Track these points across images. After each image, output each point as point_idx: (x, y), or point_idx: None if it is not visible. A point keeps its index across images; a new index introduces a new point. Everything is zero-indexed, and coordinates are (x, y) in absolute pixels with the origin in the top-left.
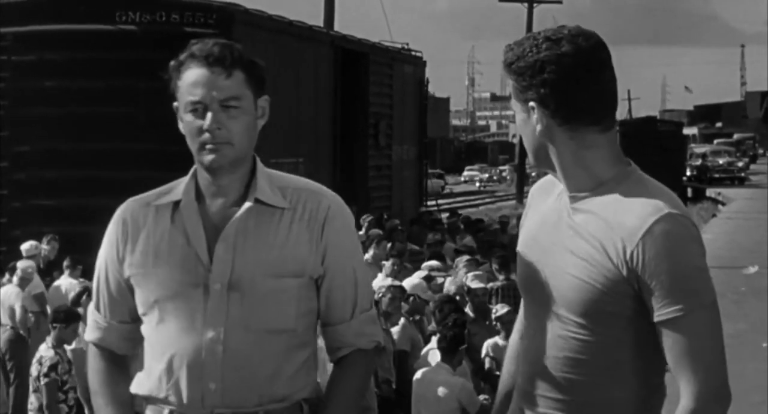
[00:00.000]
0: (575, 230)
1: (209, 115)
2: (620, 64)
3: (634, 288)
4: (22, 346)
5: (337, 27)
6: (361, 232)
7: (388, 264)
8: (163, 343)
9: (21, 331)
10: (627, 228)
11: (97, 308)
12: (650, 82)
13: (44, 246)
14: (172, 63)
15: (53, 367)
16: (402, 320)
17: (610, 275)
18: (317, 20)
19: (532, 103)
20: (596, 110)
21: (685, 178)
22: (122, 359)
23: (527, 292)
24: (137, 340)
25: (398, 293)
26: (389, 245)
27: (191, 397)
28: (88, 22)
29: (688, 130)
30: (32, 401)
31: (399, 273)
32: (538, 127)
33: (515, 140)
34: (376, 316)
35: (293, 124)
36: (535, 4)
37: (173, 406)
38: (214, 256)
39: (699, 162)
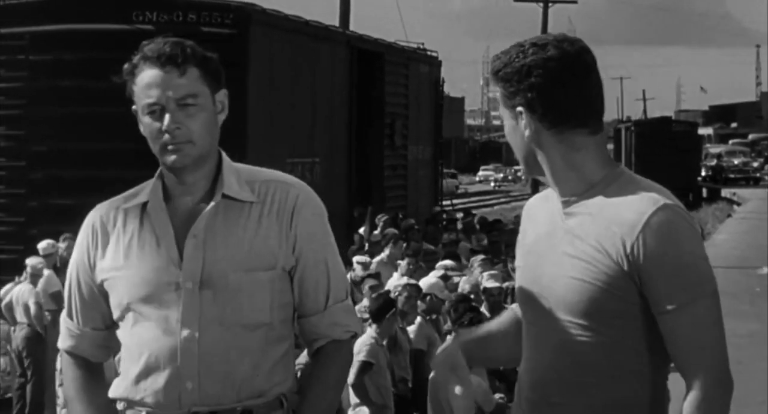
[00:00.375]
0: (572, 233)
1: (167, 115)
2: (635, 65)
3: (636, 283)
4: (38, 343)
5: (352, 27)
6: (376, 232)
7: (403, 263)
8: (139, 346)
9: (38, 328)
10: (625, 223)
11: (70, 316)
12: (665, 82)
13: (61, 245)
14: (125, 66)
15: None
16: (418, 319)
17: (612, 272)
18: (333, 20)
19: (519, 108)
20: (583, 113)
21: (700, 179)
22: (97, 367)
23: (526, 304)
24: (111, 348)
25: (414, 292)
26: (404, 245)
27: (168, 398)
28: (106, 21)
29: (703, 131)
30: (59, 395)
31: (414, 272)
32: (527, 133)
33: None
34: (352, 306)
35: (309, 123)
36: (550, 4)
37: (150, 408)
38: (184, 254)
39: (714, 162)
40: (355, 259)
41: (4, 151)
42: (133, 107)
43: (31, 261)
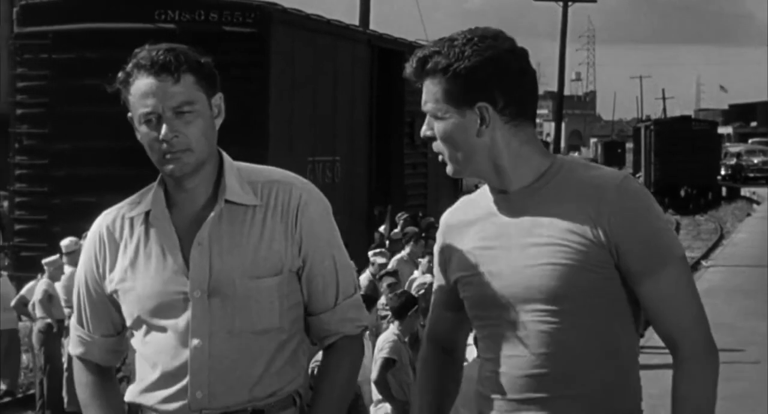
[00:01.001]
0: (530, 222)
1: (164, 125)
2: (655, 63)
3: (613, 255)
4: (52, 336)
5: (372, 26)
6: (396, 230)
7: (424, 261)
8: (151, 355)
9: (49, 320)
10: (595, 195)
11: (80, 323)
12: (685, 81)
13: (83, 242)
14: (119, 75)
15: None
16: None
17: (587, 248)
18: (352, 19)
19: (480, 103)
20: (534, 105)
21: (719, 178)
22: (109, 370)
23: (487, 307)
24: (122, 352)
25: None
26: (425, 243)
27: (178, 405)
28: (128, 20)
29: (722, 129)
30: None
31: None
32: (484, 128)
33: (549, 138)
34: (361, 301)
35: (330, 122)
36: (569, 3)
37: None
38: (191, 263)
39: (734, 161)
40: (373, 255)
41: (27, 150)
42: (129, 115)
43: (46, 260)
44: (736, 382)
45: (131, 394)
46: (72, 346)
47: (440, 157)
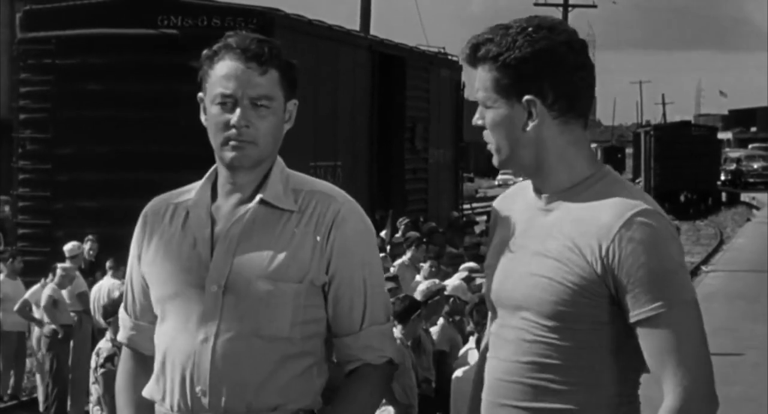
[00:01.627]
0: (547, 231)
1: (238, 110)
2: (655, 69)
3: (609, 288)
4: (58, 341)
5: (372, 31)
6: (398, 235)
7: (425, 266)
8: (161, 344)
9: (54, 326)
10: (602, 224)
11: (125, 308)
12: (684, 86)
13: (85, 246)
14: (205, 52)
15: (109, 359)
16: (441, 321)
17: (585, 274)
18: (353, 25)
19: (528, 97)
20: (586, 101)
21: (719, 183)
22: (151, 361)
23: (495, 303)
24: None
25: (443, 295)
26: (426, 248)
27: (179, 401)
28: (131, 26)
29: (722, 135)
30: (92, 392)
31: (437, 275)
32: (530, 123)
33: None
34: (391, 331)
35: (331, 127)
36: (570, 8)
37: (166, 410)
38: (214, 256)
39: (733, 166)
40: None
41: (30, 154)
42: (200, 95)
43: (61, 265)
44: (736, 386)
45: (146, 387)
46: (120, 333)
47: (488, 146)
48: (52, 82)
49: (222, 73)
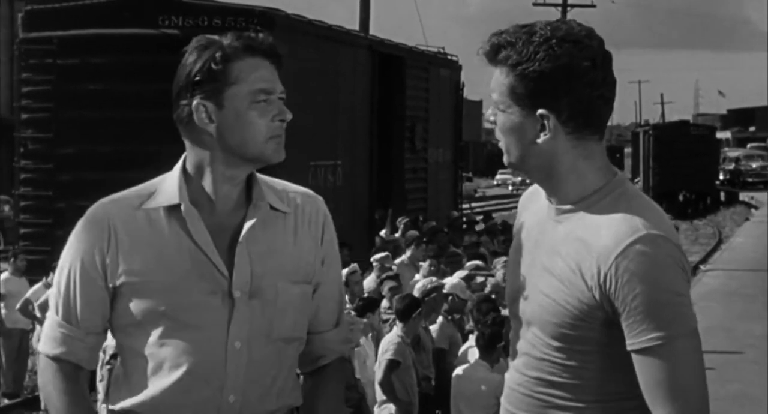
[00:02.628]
0: (554, 248)
1: (281, 105)
2: (653, 69)
3: (608, 313)
4: None
5: (372, 32)
6: (397, 234)
7: (425, 265)
8: (175, 356)
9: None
10: (602, 248)
11: (67, 319)
12: (683, 86)
13: None
14: (226, 47)
15: (115, 356)
16: (440, 319)
17: (584, 298)
18: (353, 25)
19: (542, 111)
20: (604, 117)
21: (718, 183)
22: (85, 374)
23: (511, 312)
24: (98, 353)
25: (441, 293)
26: (426, 247)
27: (208, 412)
28: (132, 26)
29: (721, 134)
30: (98, 390)
31: (436, 274)
32: (543, 136)
33: None
34: (351, 318)
35: (331, 126)
36: (568, 8)
37: None
38: (236, 262)
39: (732, 166)
40: (375, 259)
41: (32, 154)
42: (230, 91)
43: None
44: (735, 384)
45: (132, 401)
46: (50, 346)
47: (499, 144)
48: (53, 82)
49: (253, 69)
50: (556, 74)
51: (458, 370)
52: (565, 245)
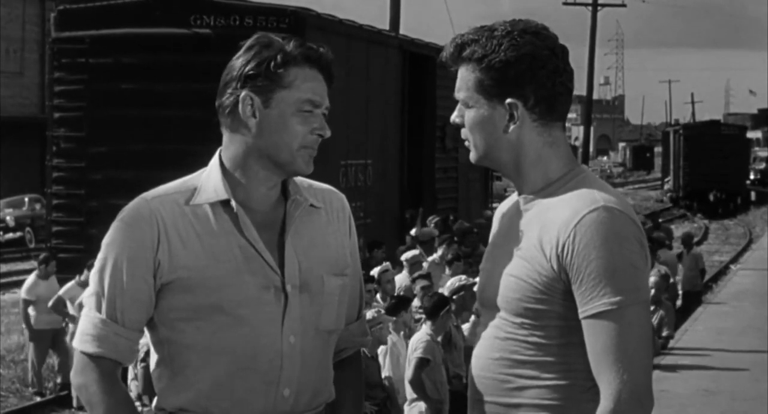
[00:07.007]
0: (521, 230)
1: (322, 120)
2: (683, 68)
3: (565, 284)
4: None
5: (402, 31)
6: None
7: (455, 264)
8: (230, 351)
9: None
10: (561, 220)
11: (112, 317)
12: (714, 85)
13: None
14: (288, 51)
15: (149, 353)
16: (472, 317)
17: (543, 271)
18: (383, 24)
19: (511, 100)
20: (565, 105)
21: (748, 182)
22: (120, 371)
23: (480, 305)
24: (136, 349)
25: (471, 291)
26: (458, 246)
27: (262, 407)
28: (164, 25)
29: (751, 134)
30: (131, 389)
31: (466, 272)
32: (512, 125)
33: (577, 142)
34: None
35: (362, 126)
36: (599, 7)
37: None
38: (286, 257)
39: (763, 166)
40: (405, 258)
41: (64, 153)
42: (280, 94)
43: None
44: (766, 384)
45: (178, 398)
46: (90, 344)
47: (466, 143)
48: (86, 81)
49: (308, 80)
50: (520, 62)
51: None
52: (530, 226)
